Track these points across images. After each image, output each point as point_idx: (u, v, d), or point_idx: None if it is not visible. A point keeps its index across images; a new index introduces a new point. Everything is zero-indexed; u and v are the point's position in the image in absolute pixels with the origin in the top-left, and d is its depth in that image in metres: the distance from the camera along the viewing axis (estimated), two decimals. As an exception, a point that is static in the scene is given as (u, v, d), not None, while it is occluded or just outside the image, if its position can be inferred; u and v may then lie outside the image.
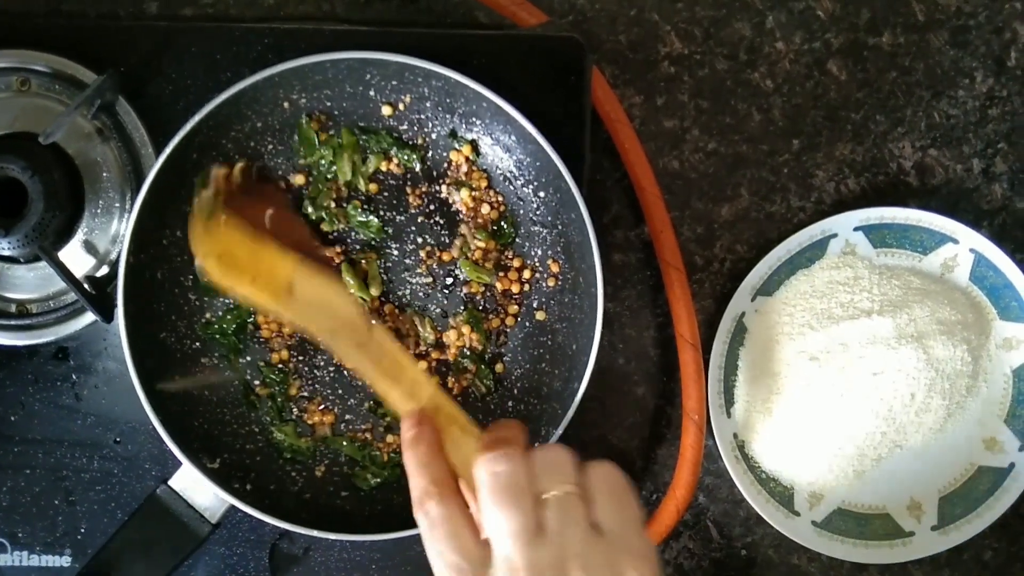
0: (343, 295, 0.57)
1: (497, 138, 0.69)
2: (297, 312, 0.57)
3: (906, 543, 0.78)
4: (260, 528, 0.72)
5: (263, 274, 0.57)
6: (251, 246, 0.58)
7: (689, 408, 0.74)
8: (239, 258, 0.58)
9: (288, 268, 0.57)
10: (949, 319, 0.75)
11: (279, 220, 0.63)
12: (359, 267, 0.71)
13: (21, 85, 0.71)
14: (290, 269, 0.57)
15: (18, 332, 0.72)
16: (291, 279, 0.57)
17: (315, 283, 0.57)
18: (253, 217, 0.60)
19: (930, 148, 0.80)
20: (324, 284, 0.57)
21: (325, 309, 0.56)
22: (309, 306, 0.56)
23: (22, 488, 0.73)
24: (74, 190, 0.71)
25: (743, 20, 0.80)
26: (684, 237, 0.79)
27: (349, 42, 0.68)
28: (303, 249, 0.59)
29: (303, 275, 0.57)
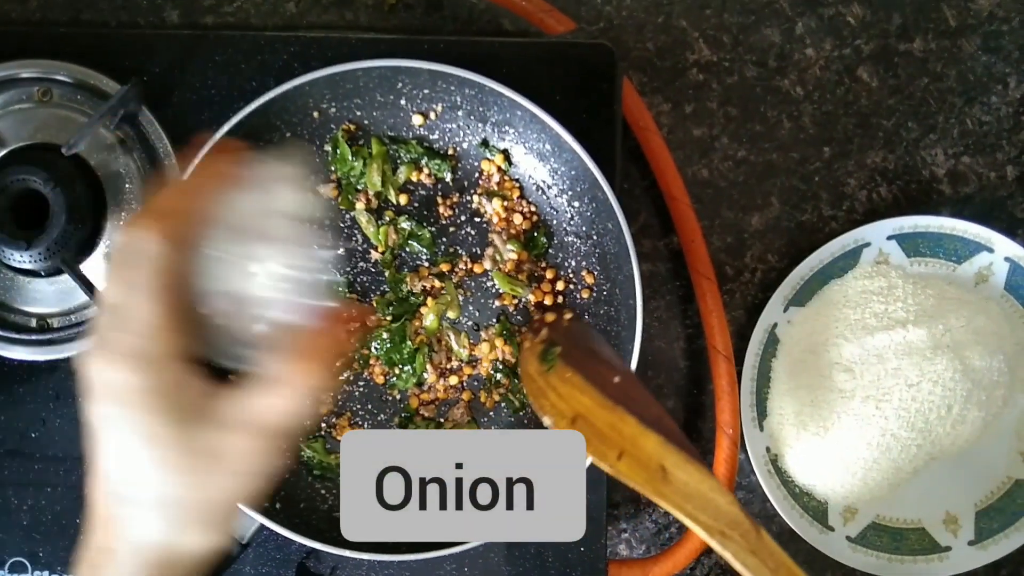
0: (721, 491, 0.51)
1: (531, 147, 0.68)
2: (678, 500, 0.50)
3: (943, 558, 0.76)
4: (287, 547, 0.71)
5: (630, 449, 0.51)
6: (607, 415, 0.52)
7: (723, 421, 0.73)
8: (597, 426, 0.51)
9: (654, 447, 0.51)
10: (985, 329, 0.74)
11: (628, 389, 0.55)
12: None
13: (43, 96, 0.70)
14: (657, 448, 0.51)
15: (39, 347, 0.71)
16: (661, 461, 0.51)
17: (689, 472, 0.50)
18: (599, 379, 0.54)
19: (963, 155, 0.79)
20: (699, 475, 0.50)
21: (707, 504, 0.50)
22: (689, 496, 0.50)
23: (43, 506, 0.72)
24: (96, 202, 0.70)
25: (772, 26, 0.79)
26: (714, 247, 0.78)
27: (375, 50, 0.67)
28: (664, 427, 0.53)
29: (674, 460, 0.51)
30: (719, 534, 0.50)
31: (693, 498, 0.50)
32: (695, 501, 0.50)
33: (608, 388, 0.54)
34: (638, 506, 0.79)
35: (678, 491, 0.50)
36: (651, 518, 0.79)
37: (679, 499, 0.51)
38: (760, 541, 0.50)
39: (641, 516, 0.79)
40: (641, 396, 0.56)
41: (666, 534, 0.79)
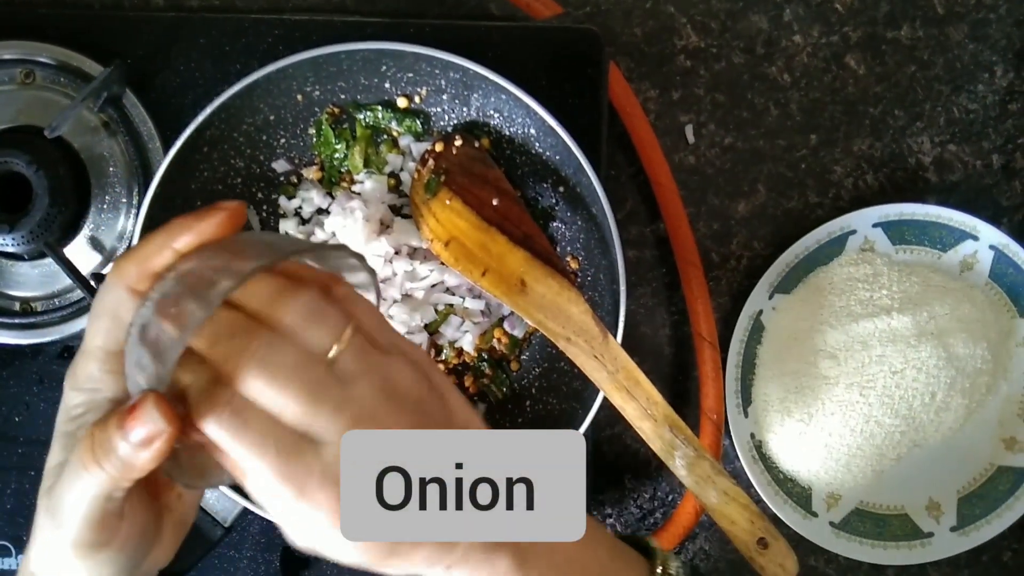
0: (576, 301, 0.56)
1: (515, 132, 0.67)
2: (531, 310, 0.56)
3: (925, 544, 0.77)
4: (271, 531, 0.71)
5: (494, 266, 0.56)
6: (480, 235, 0.57)
7: (707, 407, 0.73)
8: (468, 246, 0.57)
9: (519, 263, 0.56)
10: (969, 317, 0.74)
11: (505, 211, 0.61)
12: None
13: (25, 78, 0.70)
14: (521, 264, 0.56)
15: (22, 331, 0.70)
16: (522, 275, 0.56)
17: (548, 284, 0.56)
18: (477, 202, 0.59)
19: (949, 143, 0.79)
20: (557, 287, 0.56)
21: (559, 313, 0.55)
22: (543, 307, 0.56)
23: (27, 490, 0.72)
24: (80, 185, 0.70)
25: (760, 13, 0.79)
26: (700, 234, 0.78)
27: (361, 33, 0.67)
28: (534, 245, 0.57)
29: (534, 272, 0.56)
30: (565, 339, 0.56)
31: (547, 308, 0.56)
32: (548, 311, 0.56)
33: (486, 210, 0.60)
34: (623, 492, 0.79)
35: (533, 302, 0.56)
36: (636, 503, 0.79)
37: (533, 309, 0.56)
38: (605, 346, 0.55)
39: (626, 501, 0.79)
40: (517, 216, 0.62)
41: (651, 519, 0.79)
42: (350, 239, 0.65)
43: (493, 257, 0.57)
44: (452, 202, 0.59)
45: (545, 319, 0.56)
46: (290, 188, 0.70)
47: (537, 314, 0.56)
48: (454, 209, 0.59)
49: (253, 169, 0.69)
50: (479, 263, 0.57)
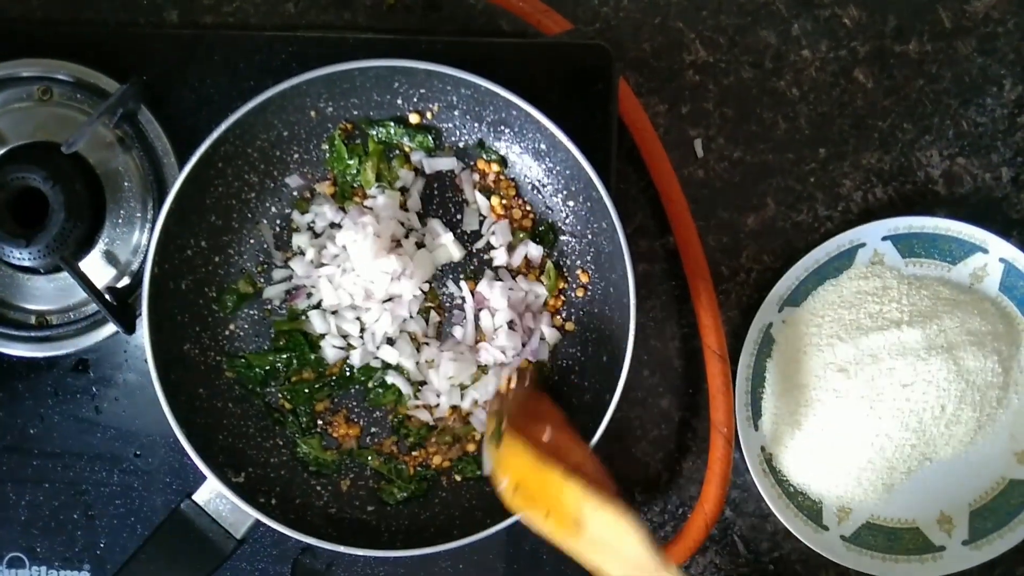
0: (633, 532, 0.53)
1: (526, 147, 0.68)
2: (588, 548, 0.54)
3: (936, 558, 0.76)
4: (283, 543, 0.71)
5: (555, 506, 0.55)
6: (538, 475, 0.56)
7: (717, 421, 0.73)
8: (532, 487, 0.56)
9: (575, 496, 0.55)
10: (979, 330, 0.74)
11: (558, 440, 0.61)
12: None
13: (43, 94, 0.71)
14: (577, 498, 0.55)
15: (37, 344, 0.71)
16: (579, 510, 0.54)
17: (603, 517, 0.54)
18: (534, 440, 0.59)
19: (958, 156, 0.79)
20: (611, 519, 0.54)
21: (615, 547, 0.53)
22: (599, 543, 0.54)
23: (41, 502, 0.72)
24: (95, 200, 0.71)
25: (768, 28, 0.79)
26: (709, 247, 0.78)
27: (373, 51, 0.67)
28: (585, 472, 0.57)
29: (591, 506, 0.54)
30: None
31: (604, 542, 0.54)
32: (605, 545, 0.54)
33: (539, 446, 0.59)
34: (633, 505, 0.79)
35: (590, 536, 0.54)
36: (646, 517, 0.79)
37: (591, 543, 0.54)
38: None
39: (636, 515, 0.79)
40: (566, 443, 0.61)
41: (661, 533, 0.79)
42: (361, 254, 0.66)
43: (551, 496, 0.56)
44: (512, 445, 0.59)
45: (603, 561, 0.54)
46: (303, 203, 0.70)
47: (595, 556, 0.55)
48: (514, 451, 0.58)
49: (267, 184, 0.69)
50: (542, 506, 0.56)
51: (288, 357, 0.69)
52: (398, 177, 0.70)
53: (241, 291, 0.69)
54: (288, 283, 0.70)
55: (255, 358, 0.69)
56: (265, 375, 0.69)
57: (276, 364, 0.69)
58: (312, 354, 0.69)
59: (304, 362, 0.69)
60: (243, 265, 0.70)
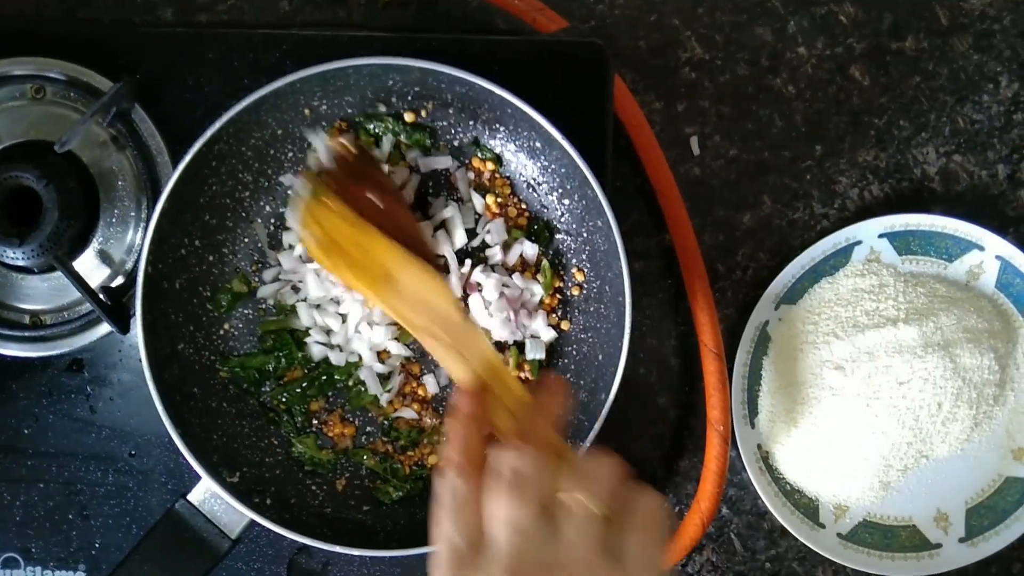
0: (442, 290, 0.56)
1: (521, 145, 0.68)
2: (393, 303, 0.56)
3: (933, 555, 0.76)
4: (278, 543, 0.71)
5: (362, 260, 0.56)
6: (352, 230, 0.57)
7: (713, 419, 0.73)
8: (340, 242, 0.57)
9: (388, 256, 0.56)
10: (976, 327, 0.74)
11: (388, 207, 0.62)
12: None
13: (36, 93, 0.71)
14: (390, 257, 0.56)
15: (32, 343, 0.71)
16: (390, 267, 0.56)
17: (412, 273, 0.56)
18: (358, 200, 0.59)
19: (954, 154, 0.79)
20: (421, 276, 0.56)
21: (422, 303, 0.55)
22: (405, 299, 0.56)
23: (35, 502, 0.72)
24: (89, 199, 0.70)
25: (764, 25, 0.79)
26: (706, 245, 0.78)
27: (368, 48, 0.67)
28: (407, 238, 0.58)
29: (403, 265, 0.56)
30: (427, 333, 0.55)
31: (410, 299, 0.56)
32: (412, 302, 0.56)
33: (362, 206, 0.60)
34: (630, 503, 0.79)
35: (397, 293, 0.56)
36: (642, 515, 0.79)
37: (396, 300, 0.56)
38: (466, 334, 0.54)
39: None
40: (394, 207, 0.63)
41: (657, 531, 0.79)
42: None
43: (362, 251, 0.57)
44: (331, 202, 0.60)
45: (408, 311, 0.56)
46: (297, 201, 0.70)
47: (400, 306, 0.56)
48: (332, 207, 0.59)
49: (261, 183, 0.69)
50: (348, 258, 0.57)
51: (278, 357, 0.69)
52: (393, 174, 0.70)
53: (235, 290, 0.69)
54: (279, 283, 0.70)
55: (247, 359, 0.69)
56: (258, 376, 0.69)
57: (266, 365, 0.69)
58: (299, 352, 0.69)
59: (292, 360, 0.69)
60: (237, 264, 0.70)
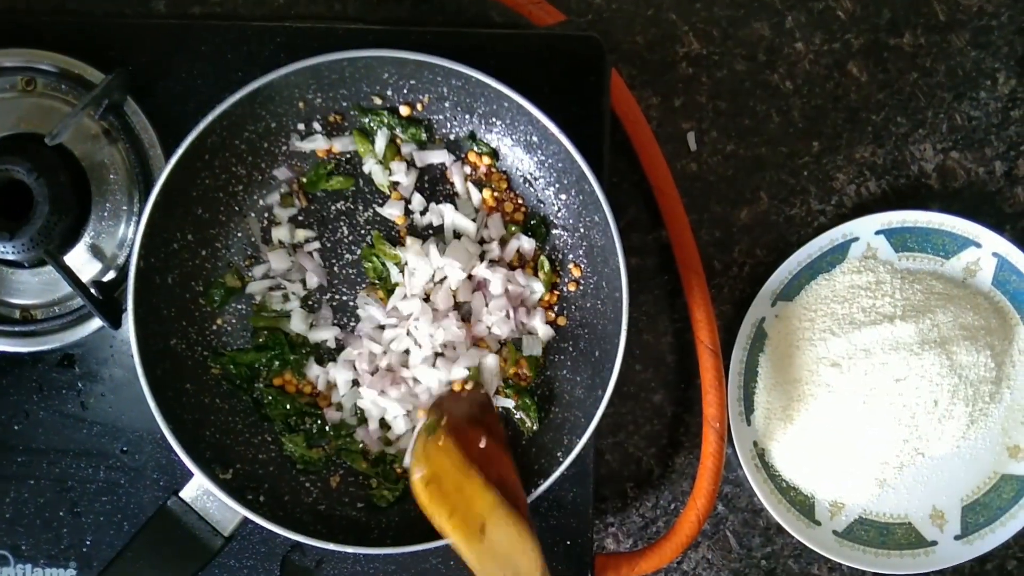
0: (531, 551, 0.57)
1: (518, 139, 0.67)
2: (482, 559, 0.56)
3: (929, 553, 0.76)
4: (271, 540, 0.71)
5: (462, 508, 0.57)
6: (459, 476, 0.58)
7: (709, 416, 0.73)
8: (445, 486, 0.58)
9: (486, 505, 0.57)
10: (972, 324, 0.74)
11: (491, 452, 0.62)
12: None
13: (26, 85, 0.70)
14: (488, 507, 0.57)
15: (22, 339, 0.70)
16: (485, 519, 0.57)
17: (507, 531, 0.57)
18: (468, 443, 0.60)
19: (952, 150, 0.79)
20: (516, 535, 0.57)
21: (508, 561, 0.56)
22: (495, 554, 0.56)
23: (25, 499, 0.71)
24: (80, 193, 0.69)
25: (762, 20, 0.79)
26: (702, 241, 0.78)
27: (363, 41, 0.66)
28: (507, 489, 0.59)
29: (498, 518, 0.57)
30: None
31: (500, 554, 0.57)
32: (500, 556, 0.57)
33: (472, 449, 0.60)
34: (625, 500, 0.79)
35: (488, 550, 0.57)
36: (638, 512, 0.79)
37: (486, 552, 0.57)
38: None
39: (628, 510, 0.79)
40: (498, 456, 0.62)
41: (653, 528, 0.79)
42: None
43: (463, 498, 0.58)
44: (444, 442, 0.60)
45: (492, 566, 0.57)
46: (288, 198, 0.69)
47: (486, 559, 0.57)
48: (444, 449, 0.60)
49: (255, 176, 0.68)
50: (449, 504, 0.58)
51: (271, 356, 0.68)
52: (390, 170, 0.69)
53: (228, 285, 0.69)
54: (269, 280, 0.69)
55: (239, 355, 0.68)
56: (250, 372, 0.68)
57: (256, 363, 0.68)
58: (292, 355, 0.68)
59: (285, 362, 0.68)
60: (230, 259, 0.69)
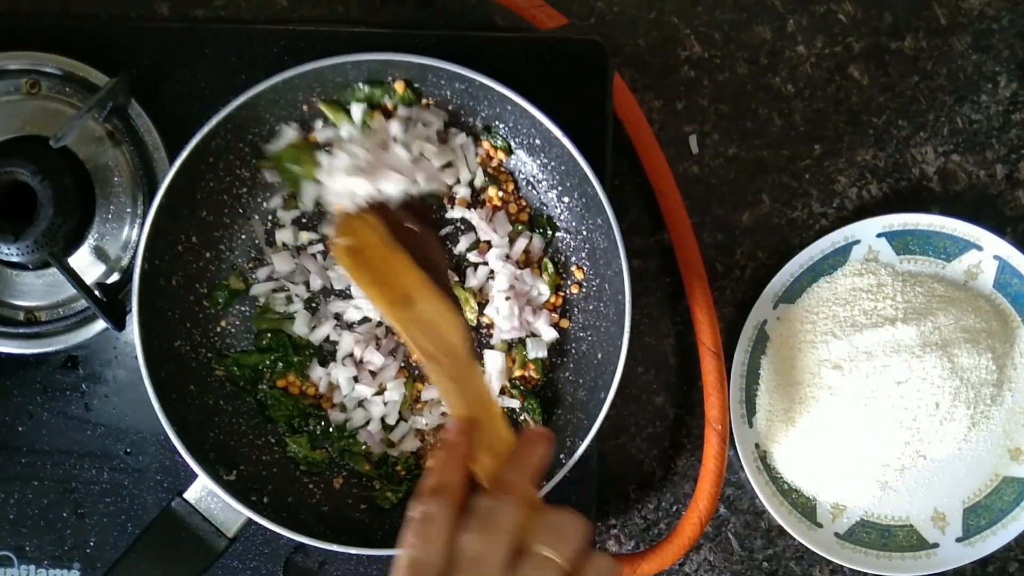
0: (456, 326, 0.57)
1: (521, 142, 0.67)
2: (406, 325, 0.57)
3: (930, 555, 0.77)
4: (275, 541, 0.71)
5: (386, 277, 0.58)
6: (384, 249, 0.59)
7: (711, 418, 0.73)
8: (370, 256, 0.59)
9: (412, 281, 0.58)
10: (974, 327, 0.74)
11: (422, 238, 0.63)
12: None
13: (31, 87, 0.70)
14: (414, 282, 0.58)
15: (26, 340, 0.70)
16: (411, 292, 0.58)
17: (433, 305, 0.58)
18: (397, 226, 0.61)
19: (953, 153, 0.79)
20: (441, 307, 0.58)
21: (434, 332, 0.57)
22: (420, 324, 0.57)
23: (30, 500, 0.71)
24: (84, 195, 0.70)
25: (764, 23, 0.79)
26: (704, 244, 0.78)
27: (366, 44, 0.67)
28: (433, 270, 0.60)
29: (424, 293, 0.58)
30: (431, 358, 0.56)
31: (425, 324, 0.57)
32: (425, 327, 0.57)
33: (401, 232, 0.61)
34: (627, 502, 0.79)
35: (413, 317, 0.58)
36: (640, 514, 0.79)
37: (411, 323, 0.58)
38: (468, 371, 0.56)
39: (630, 512, 0.79)
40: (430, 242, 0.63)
41: (655, 530, 0.79)
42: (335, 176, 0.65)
43: (390, 271, 0.59)
44: (371, 217, 0.61)
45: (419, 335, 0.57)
46: (293, 200, 0.70)
47: (413, 329, 0.58)
48: (370, 223, 0.61)
49: (259, 179, 0.69)
50: (374, 273, 0.59)
51: (274, 359, 0.68)
52: (373, 131, 0.68)
53: (232, 287, 0.69)
54: (273, 282, 0.69)
55: (242, 356, 0.68)
56: (254, 374, 0.68)
57: (260, 365, 0.68)
58: (295, 356, 0.68)
59: (288, 364, 0.68)
60: (234, 261, 0.69)
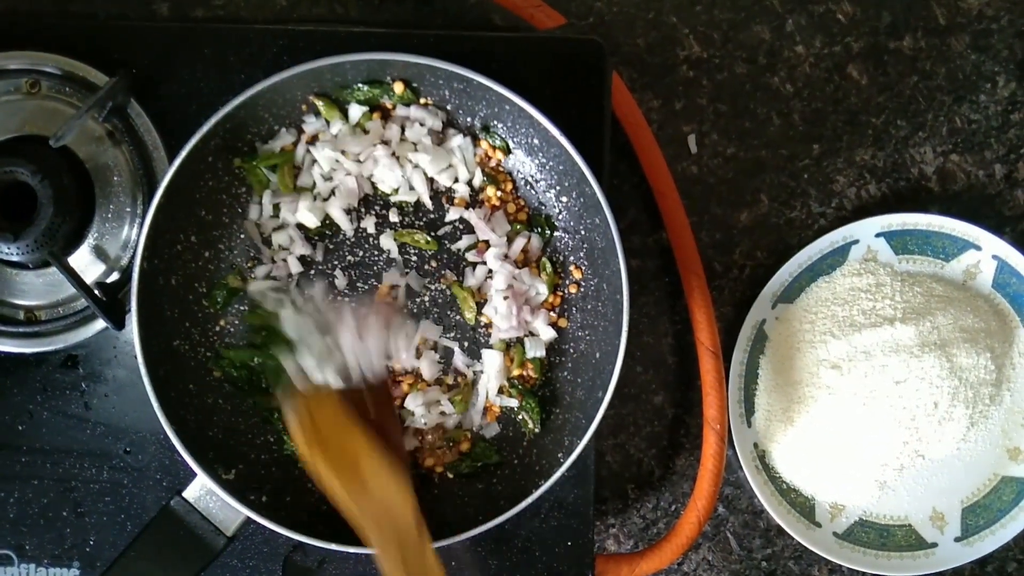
0: (407, 502, 0.57)
1: (519, 142, 0.68)
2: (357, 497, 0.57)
3: (929, 555, 0.77)
4: (274, 540, 0.71)
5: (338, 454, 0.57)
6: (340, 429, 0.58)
7: (710, 417, 0.73)
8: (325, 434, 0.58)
9: (364, 457, 0.57)
10: (972, 327, 0.74)
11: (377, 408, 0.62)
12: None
13: (31, 87, 0.70)
14: (366, 458, 0.57)
15: (26, 339, 0.70)
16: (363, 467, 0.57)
17: (384, 477, 0.57)
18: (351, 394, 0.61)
19: (952, 153, 0.79)
20: (392, 482, 0.57)
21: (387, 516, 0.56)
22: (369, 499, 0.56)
23: (29, 499, 0.72)
24: (84, 194, 0.70)
25: (762, 23, 0.79)
26: (703, 243, 0.78)
27: (364, 44, 0.67)
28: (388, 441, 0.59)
29: (375, 463, 0.57)
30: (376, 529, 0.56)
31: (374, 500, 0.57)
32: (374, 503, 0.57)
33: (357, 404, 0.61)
34: (626, 502, 0.79)
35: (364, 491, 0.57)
36: (639, 513, 0.79)
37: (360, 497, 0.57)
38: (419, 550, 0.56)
39: (629, 511, 0.79)
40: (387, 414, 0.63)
41: (654, 529, 0.79)
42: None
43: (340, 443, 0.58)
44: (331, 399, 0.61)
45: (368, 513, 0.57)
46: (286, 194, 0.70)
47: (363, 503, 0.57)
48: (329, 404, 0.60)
49: (257, 179, 0.69)
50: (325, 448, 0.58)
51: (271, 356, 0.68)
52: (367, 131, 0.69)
53: (231, 286, 0.69)
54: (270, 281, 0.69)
55: (236, 354, 0.68)
56: (248, 373, 0.68)
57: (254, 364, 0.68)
58: None
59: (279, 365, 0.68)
60: (233, 260, 0.69)
